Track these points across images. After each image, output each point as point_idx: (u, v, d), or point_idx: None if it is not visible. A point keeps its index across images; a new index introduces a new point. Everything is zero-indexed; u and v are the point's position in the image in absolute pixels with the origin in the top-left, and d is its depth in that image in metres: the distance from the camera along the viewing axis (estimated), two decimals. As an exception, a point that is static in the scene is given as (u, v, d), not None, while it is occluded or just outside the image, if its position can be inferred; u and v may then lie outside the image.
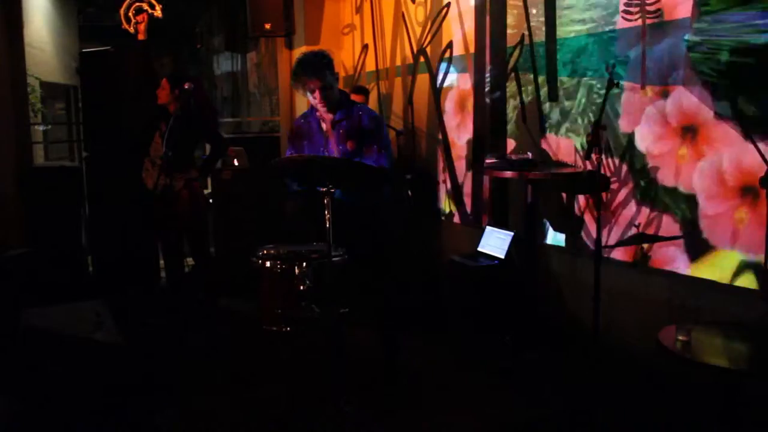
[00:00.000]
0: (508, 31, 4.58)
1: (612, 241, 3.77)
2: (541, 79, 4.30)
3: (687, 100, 3.31)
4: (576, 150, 4.05)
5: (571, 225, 4.14)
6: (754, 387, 2.61)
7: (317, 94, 3.42)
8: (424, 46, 5.60)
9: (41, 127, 7.91)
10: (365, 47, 6.55)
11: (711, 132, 3.21)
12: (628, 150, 3.66)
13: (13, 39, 5.86)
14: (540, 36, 4.27)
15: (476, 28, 4.94)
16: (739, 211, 3.09)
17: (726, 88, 3.12)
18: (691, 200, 3.33)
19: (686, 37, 3.27)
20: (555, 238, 4.29)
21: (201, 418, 3.39)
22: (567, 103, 4.09)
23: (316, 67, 3.42)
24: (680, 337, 2.54)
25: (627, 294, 3.70)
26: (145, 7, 4.80)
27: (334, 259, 3.21)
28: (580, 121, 4.00)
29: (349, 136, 3.52)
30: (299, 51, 6.95)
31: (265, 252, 4.65)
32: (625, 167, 3.70)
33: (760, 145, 2.97)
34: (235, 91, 11.96)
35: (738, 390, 2.55)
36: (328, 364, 3.36)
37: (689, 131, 3.32)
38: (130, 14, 4.76)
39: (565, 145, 4.14)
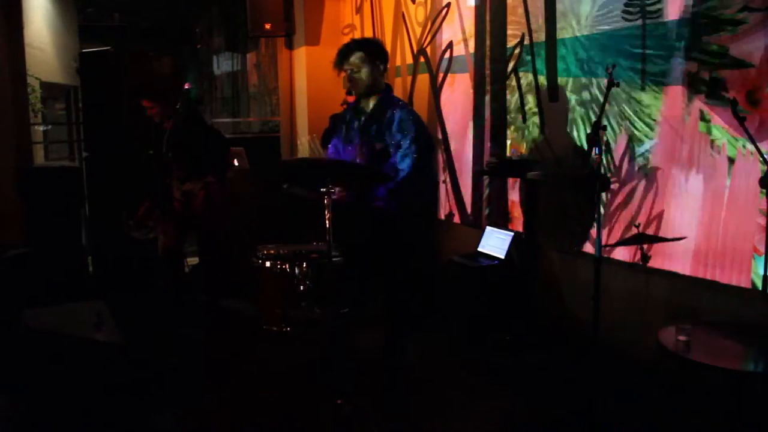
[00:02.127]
0: (508, 31, 4.58)
1: (612, 241, 3.77)
2: (541, 79, 4.30)
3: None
4: (576, 150, 4.05)
5: (571, 225, 4.14)
6: (755, 387, 2.61)
7: (353, 72, 3.33)
8: (424, 46, 5.60)
9: (41, 128, 7.92)
10: (365, 47, 6.55)
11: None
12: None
13: (13, 39, 5.86)
14: (540, 36, 4.27)
15: (476, 28, 4.94)
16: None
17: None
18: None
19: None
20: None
21: (201, 418, 3.39)
22: (567, 103, 4.09)
23: (364, 44, 3.40)
24: (680, 337, 2.54)
25: (627, 294, 3.70)
26: None
27: (334, 259, 3.21)
28: (580, 121, 4.00)
29: (378, 137, 3.34)
30: (299, 51, 6.98)
31: (265, 252, 4.66)
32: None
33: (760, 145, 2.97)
34: (235, 91, 11.96)
35: (738, 390, 2.55)
36: (328, 364, 3.36)
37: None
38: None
39: (565, 145, 4.14)
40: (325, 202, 2.98)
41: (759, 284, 2.90)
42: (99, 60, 5.83)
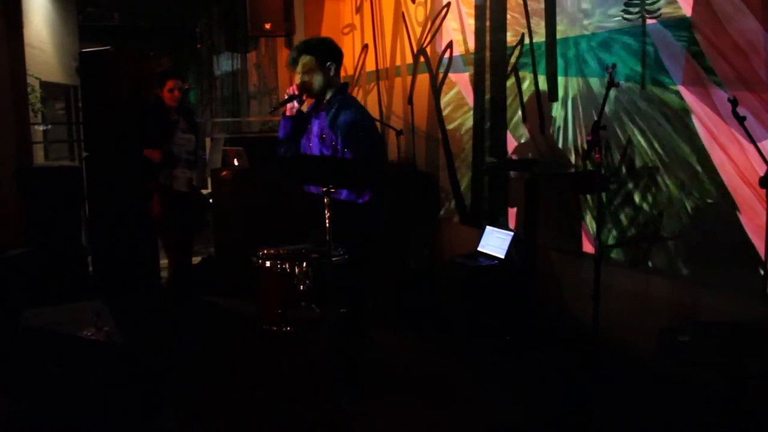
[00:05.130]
0: (508, 31, 4.58)
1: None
2: (541, 78, 4.30)
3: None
4: (576, 150, 4.05)
5: (571, 225, 4.14)
6: (755, 387, 2.61)
7: (304, 75, 3.37)
8: (424, 46, 5.60)
9: (41, 127, 7.92)
10: (365, 47, 6.55)
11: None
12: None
13: (13, 39, 5.86)
14: (540, 36, 4.27)
15: (476, 28, 4.94)
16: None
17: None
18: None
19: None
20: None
21: (201, 418, 3.39)
22: (567, 103, 4.09)
23: (314, 48, 3.38)
24: (680, 337, 2.54)
25: (627, 294, 3.70)
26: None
27: (334, 258, 3.21)
28: (580, 121, 4.00)
29: (325, 135, 3.44)
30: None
31: (265, 252, 4.66)
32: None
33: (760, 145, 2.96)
34: (235, 91, 11.96)
35: (738, 390, 2.55)
36: (328, 364, 3.36)
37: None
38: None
39: (565, 145, 4.14)
40: (325, 201, 2.99)
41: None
42: (99, 60, 5.83)
